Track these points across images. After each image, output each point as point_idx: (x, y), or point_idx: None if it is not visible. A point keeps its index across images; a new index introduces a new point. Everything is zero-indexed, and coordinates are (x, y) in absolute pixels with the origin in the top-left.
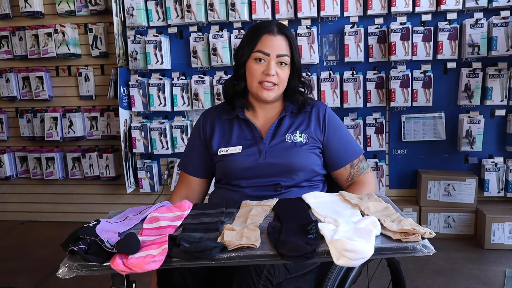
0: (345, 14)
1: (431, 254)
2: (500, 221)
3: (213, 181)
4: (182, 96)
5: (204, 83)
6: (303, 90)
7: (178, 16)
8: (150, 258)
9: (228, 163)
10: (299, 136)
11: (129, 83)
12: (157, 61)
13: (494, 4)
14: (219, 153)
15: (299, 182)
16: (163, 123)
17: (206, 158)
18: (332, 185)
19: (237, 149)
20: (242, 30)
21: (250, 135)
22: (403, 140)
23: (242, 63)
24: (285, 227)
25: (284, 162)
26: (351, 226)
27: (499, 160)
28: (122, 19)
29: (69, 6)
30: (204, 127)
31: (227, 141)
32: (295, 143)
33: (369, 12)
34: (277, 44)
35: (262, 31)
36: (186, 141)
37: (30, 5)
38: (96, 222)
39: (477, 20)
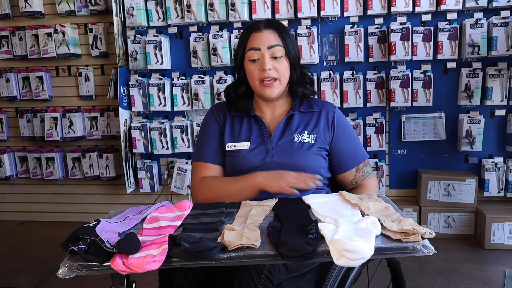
0: (345, 14)
1: (431, 254)
2: (500, 221)
3: None
4: (182, 96)
5: (204, 83)
6: (306, 82)
7: (178, 16)
8: (150, 258)
9: (235, 159)
10: (307, 137)
11: (129, 83)
12: (157, 61)
13: (494, 4)
14: (227, 148)
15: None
16: (163, 123)
17: (223, 145)
18: (335, 189)
19: (245, 145)
20: (242, 30)
21: (258, 132)
22: (403, 140)
23: (239, 66)
24: (285, 227)
25: (290, 163)
26: (351, 226)
27: (499, 160)
28: (122, 19)
29: (69, 6)
30: (219, 115)
31: (236, 136)
32: (303, 144)
33: (369, 12)
34: (265, 38)
35: (249, 31)
36: (186, 141)
37: (30, 5)
38: (96, 222)
39: (477, 20)
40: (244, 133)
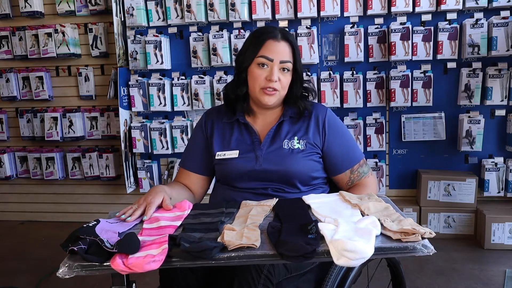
0: (345, 14)
1: (431, 254)
2: (500, 221)
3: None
4: (182, 96)
5: (204, 83)
6: (306, 95)
7: (178, 16)
8: (150, 258)
9: (225, 167)
10: (297, 143)
11: (129, 83)
12: (157, 61)
13: (494, 4)
14: (217, 157)
15: (296, 187)
16: (163, 123)
17: (207, 155)
18: (334, 186)
19: (234, 153)
20: (242, 30)
21: (248, 140)
22: (403, 140)
23: (244, 68)
24: (285, 227)
25: (280, 169)
26: (351, 226)
27: (499, 160)
28: (122, 19)
29: (69, 6)
30: (206, 125)
31: (226, 144)
32: (292, 150)
33: (369, 12)
34: (280, 50)
35: (266, 36)
36: (186, 141)
37: (30, 5)
38: (96, 222)
39: (477, 20)
40: (234, 141)
